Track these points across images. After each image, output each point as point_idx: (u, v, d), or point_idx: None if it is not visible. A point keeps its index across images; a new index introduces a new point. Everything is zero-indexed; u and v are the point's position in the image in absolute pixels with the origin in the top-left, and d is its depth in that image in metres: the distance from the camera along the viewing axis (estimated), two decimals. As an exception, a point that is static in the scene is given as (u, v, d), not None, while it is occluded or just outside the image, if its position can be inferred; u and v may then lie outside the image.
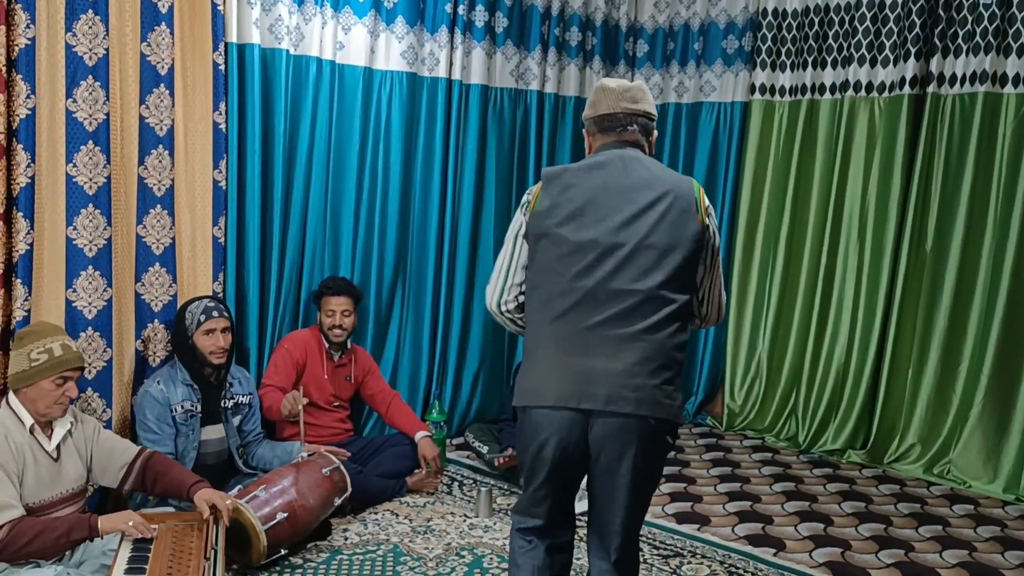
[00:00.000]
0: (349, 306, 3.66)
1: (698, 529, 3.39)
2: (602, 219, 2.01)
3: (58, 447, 2.44)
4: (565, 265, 2.02)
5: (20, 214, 2.78)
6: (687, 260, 2.02)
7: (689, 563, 3.05)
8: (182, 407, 3.06)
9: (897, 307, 4.31)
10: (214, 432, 3.19)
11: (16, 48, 2.73)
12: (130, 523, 2.35)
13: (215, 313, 3.11)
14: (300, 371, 3.59)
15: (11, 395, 2.41)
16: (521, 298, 2.15)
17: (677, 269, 2.00)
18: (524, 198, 2.16)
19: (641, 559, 3.05)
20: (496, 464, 3.74)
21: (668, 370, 2.00)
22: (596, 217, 2.02)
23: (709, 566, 3.03)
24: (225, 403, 3.23)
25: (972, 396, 4.12)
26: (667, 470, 4.12)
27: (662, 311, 1.99)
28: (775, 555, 3.17)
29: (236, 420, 3.28)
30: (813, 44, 4.64)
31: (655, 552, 3.13)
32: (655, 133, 2.22)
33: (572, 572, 2.29)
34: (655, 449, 2.03)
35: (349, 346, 3.76)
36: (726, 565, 3.05)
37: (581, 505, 3.20)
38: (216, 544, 2.38)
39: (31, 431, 2.38)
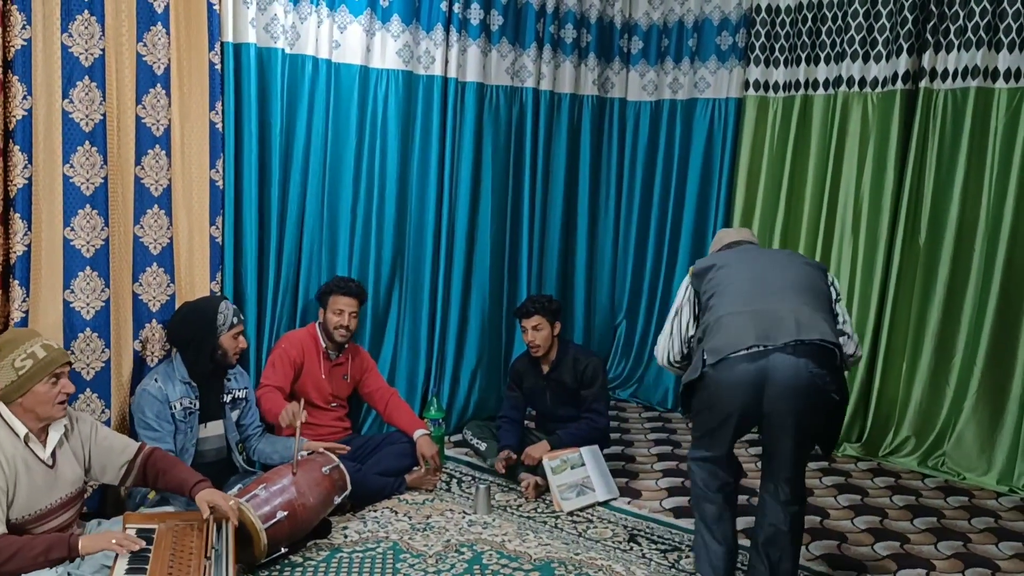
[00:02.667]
0: (356, 308, 3.67)
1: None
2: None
3: (53, 453, 2.41)
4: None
5: (17, 215, 2.78)
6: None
7: (687, 557, 3.07)
8: (180, 404, 3.07)
9: (891, 300, 4.34)
10: (214, 429, 3.21)
11: (12, 49, 2.73)
12: (113, 541, 2.27)
13: (241, 316, 3.22)
14: (298, 370, 3.59)
15: (1, 407, 2.33)
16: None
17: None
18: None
19: (640, 553, 3.09)
20: (498, 469, 3.75)
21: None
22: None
23: (707, 560, 3.05)
24: (224, 399, 3.24)
25: (966, 389, 4.15)
26: (663, 464, 4.15)
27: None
28: (772, 548, 3.19)
29: (234, 415, 3.30)
30: (806, 40, 4.66)
31: (654, 547, 3.15)
32: None
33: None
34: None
35: (347, 345, 3.77)
36: (724, 559, 3.07)
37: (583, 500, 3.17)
38: (218, 544, 2.38)
39: (26, 441, 2.34)
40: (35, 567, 2.22)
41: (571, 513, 3.45)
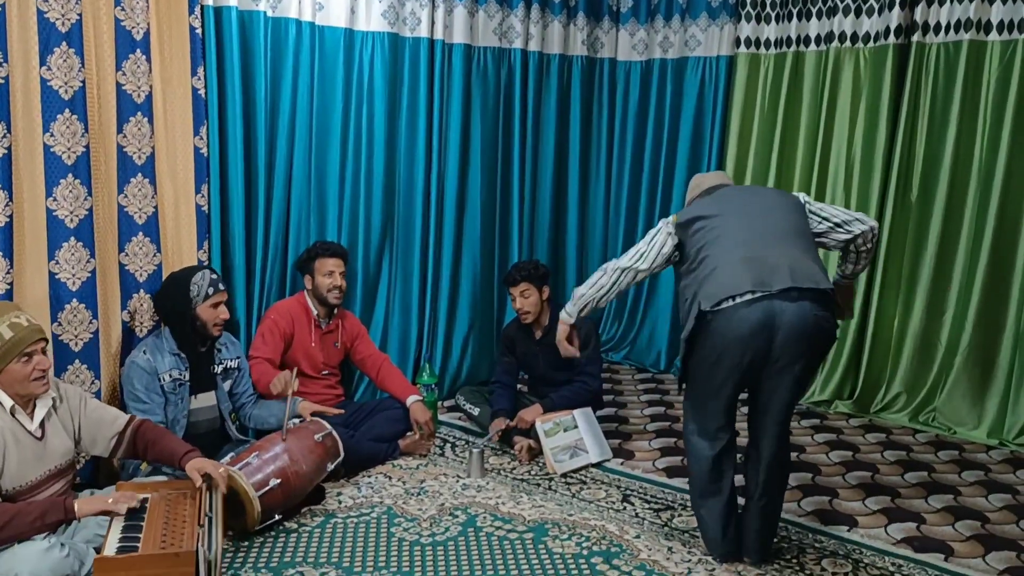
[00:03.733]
0: (344, 267, 3.65)
1: (689, 482, 3.42)
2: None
3: (42, 425, 2.41)
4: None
5: (-2, 186, 2.75)
6: None
7: (680, 516, 3.10)
8: (170, 376, 3.05)
9: (883, 257, 4.33)
10: (206, 400, 3.20)
11: (-15, 16, 2.68)
12: (110, 500, 2.31)
13: (221, 286, 3.14)
14: (288, 341, 3.57)
15: None
16: None
17: None
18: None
19: (633, 513, 3.11)
20: (492, 439, 3.75)
21: None
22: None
23: (699, 518, 3.07)
24: (215, 369, 3.23)
25: (957, 344, 4.16)
26: (656, 424, 4.17)
27: None
28: (764, 505, 3.21)
29: (227, 385, 3.29)
30: (798, -5, 4.60)
31: (647, 506, 3.18)
32: None
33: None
34: None
35: (336, 311, 3.75)
36: (716, 517, 3.09)
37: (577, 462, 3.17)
38: (210, 511, 2.39)
39: (12, 413, 2.34)
40: (32, 532, 2.23)
41: (564, 475, 3.47)
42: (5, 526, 2.19)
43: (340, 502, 3.15)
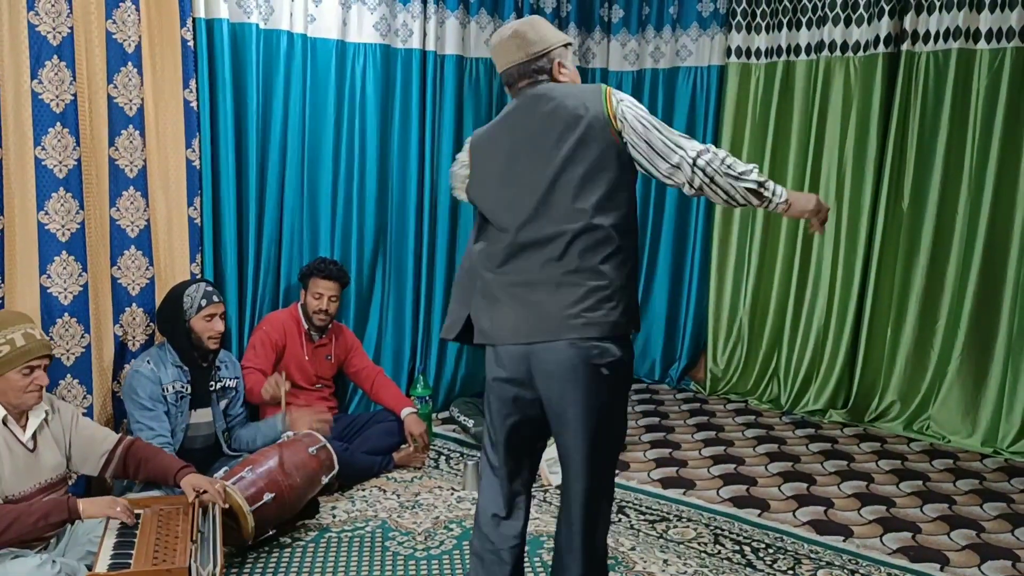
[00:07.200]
0: (337, 292, 3.63)
1: (684, 493, 3.42)
2: (516, 173, 2.08)
3: (34, 437, 2.40)
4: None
5: (-11, 200, 2.73)
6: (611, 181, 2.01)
7: (675, 527, 3.09)
8: (173, 388, 3.04)
9: (875, 266, 4.35)
10: (203, 416, 3.17)
11: (-24, 30, 2.67)
12: (117, 508, 2.32)
13: (215, 298, 3.11)
14: (280, 353, 3.56)
15: None
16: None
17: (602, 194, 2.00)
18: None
19: (628, 524, 3.09)
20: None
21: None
22: (511, 173, 2.09)
23: (695, 529, 3.07)
24: (213, 386, 3.21)
25: (950, 352, 4.18)
26: (651, 435, 4.16)
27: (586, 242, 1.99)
28: (759, 516, 3.21)
29: (223, 404, 3.27)
30: (788, 4, 4.62)
31: (642, 517, 3.17)
32: (556, 59, 2.17)
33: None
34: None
35: (330, 325, 3.73)
36: (711, 528, 3.09)
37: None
38: (203, 528, 2.38)
39: (4, 422, 2.34)
40: (36, 532, 2.24)
41: (560, 487, 3.46)
42: (8, 528, 2.18)
43: (334, 516, 3.13)
